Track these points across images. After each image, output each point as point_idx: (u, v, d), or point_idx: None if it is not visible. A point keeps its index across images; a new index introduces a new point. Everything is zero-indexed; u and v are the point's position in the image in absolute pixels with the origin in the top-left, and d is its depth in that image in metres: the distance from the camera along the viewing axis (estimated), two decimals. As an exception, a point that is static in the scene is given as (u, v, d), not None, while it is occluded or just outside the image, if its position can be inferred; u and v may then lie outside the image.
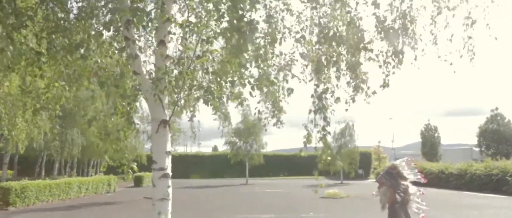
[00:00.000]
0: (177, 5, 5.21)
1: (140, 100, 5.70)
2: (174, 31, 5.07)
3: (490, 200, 18.96)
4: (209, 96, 4.47)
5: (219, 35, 4.31)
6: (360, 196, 20.17)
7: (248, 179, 35.05)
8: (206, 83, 5.39)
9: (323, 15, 5.25)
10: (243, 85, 4.75)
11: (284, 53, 5.67)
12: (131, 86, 4.89)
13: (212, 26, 5.33)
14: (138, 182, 29.73)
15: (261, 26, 5.01)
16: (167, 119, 4.72)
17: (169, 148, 4.75)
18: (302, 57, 5.55)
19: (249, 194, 23.59)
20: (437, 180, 26.93)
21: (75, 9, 5.06)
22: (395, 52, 5.35)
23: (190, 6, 5.06)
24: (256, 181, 35.64)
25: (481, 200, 18.69)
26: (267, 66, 4.81)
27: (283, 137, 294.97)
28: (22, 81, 6.32)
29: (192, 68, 5.09)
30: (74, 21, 5.00)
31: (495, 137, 48.83)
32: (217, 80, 5.26)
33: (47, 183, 18.41)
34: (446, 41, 5.29)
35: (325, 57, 5.30)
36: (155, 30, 5.09)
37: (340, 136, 34.65)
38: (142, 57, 5.12)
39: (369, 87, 5.52)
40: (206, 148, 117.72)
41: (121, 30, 4.63)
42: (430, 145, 54.90)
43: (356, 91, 5.50)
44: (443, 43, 5.31)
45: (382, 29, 5.20)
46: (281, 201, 18.73)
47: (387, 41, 5.31)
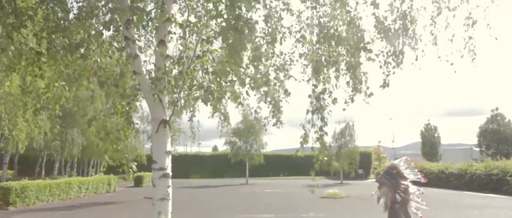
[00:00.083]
0: (177, 5, 5.21)
1: (140, 100, 5.69)
2: (174, 31, 5.06)
3: (490, 200, 18.96)
4: (209, 96, 4.46)
5: (217, 34, 4.29)
6: (360, 196, 20.17)
7: (248, 179, 35.06)
8: (206, 83, 5.38)
9: (323, 15, 5.24)
10: (244, 85, 4.74)
11: (284, 53, 5.68)
12: (131, 86, 4.88)
13: (212, 26, 5.32)
14: (138, 182, 29.73)
15: (261, 26, 5.00)
16: (167, 118, 4.72)
17: (169, 148, 4.75)
18: (300, 56, 5.54)
19: (249, 194, 23.59)
20: (437, 180, 26.94)
21: (75, 9, 5.06)
22: (394, 52, 5.34)
23: (190, 6, 5.06)
24: (256, 181, 35.64)
25: (481, 200, 18.69)
26: (266, 66, 4.80)
27: (283, 137, 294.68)
28: (23, 81, 6.32)
29: (192, 68, 5.09)
30: (74, 21, 4.99)
31: (495, 137, 48.84)
32: (217, 80, 5.25)
33: (47, 183, 18.41)
34: (447, 41, 5.29)
35: (324, 58, 5.29)
36: (155, 30, 5.08)
37: (340, 136, 34.64)
38: (142, 57, 5.11)
39: (368, 87, 5.52)
40: (206, 148, 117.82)
41: (121, 30, 4.63)
42: (430, 145, 54.90)
43: (355, 92, 5.49)
44: (444, 44, 5.31)
45: (382, 30, 5.20)
46: (281, 201, 18.73)
47: (387, 41, 5.31)
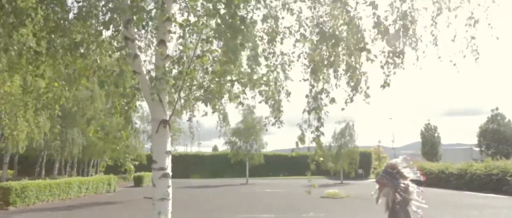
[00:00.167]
0: (177, 5, 5.20)
1: (140, 100, 5.68)
2: (174, 31, 5.05)
3: (490, 200, 18.96)
4: (209, 96, 4.45)
5: (213, 32, 4.26)
6: (360, 196, 20.15)
7: (248, 178, 35.05)
8: (206, 83, 5.37)
9: (323, 14, 5.23)
10: (244, 85, 4.73)
11: (284, 53, 5.66)
12: (131, 86, 4.88)
13: (212, 26, 5.30)
14: (138, 181, 29.73)
15: (260, 26, 4.98)
16: (167, 118, 4.71)
17: (169, 148, 4.74)
18: (299, 57, 5.52)
19: (249, 194, 23.59)
20: (437, 180, 26.93)
21: (75, 9, 5.05)
22: (394, 52, 5.32)
23: (191, 6, 5.05)
24: (256, 181, 35.64)
25: (481, 200, 18.68)
26: (268, 66, 4.78)
27: (283, 137, 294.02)
28: (23, 81, 6.32)
29: (192, 68, 5.08)
30: (73, 20, 4.98)
31: (495, 137, 48.83)
32: (217, 80, 5.23)
33: (47, 182, 18.42)
34: (449, 41, 5.27)
35: (324, 58, 5.27)
36: (155, 30, 5.07)
37: (340, 136, 34.64)
38: (142, 57, 5.10)
39: (368, 87, 5.50)
40: (206, 148, 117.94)
41: (120, 30, 4.62)
42: (430, 145, 54.89)
43: (354, 92, 5.47)
44: (445, 44, 5.30)
45: (381, 30, 5.17)
46: (281, 201, 18.74)
47: (387, 42, 5.29)
